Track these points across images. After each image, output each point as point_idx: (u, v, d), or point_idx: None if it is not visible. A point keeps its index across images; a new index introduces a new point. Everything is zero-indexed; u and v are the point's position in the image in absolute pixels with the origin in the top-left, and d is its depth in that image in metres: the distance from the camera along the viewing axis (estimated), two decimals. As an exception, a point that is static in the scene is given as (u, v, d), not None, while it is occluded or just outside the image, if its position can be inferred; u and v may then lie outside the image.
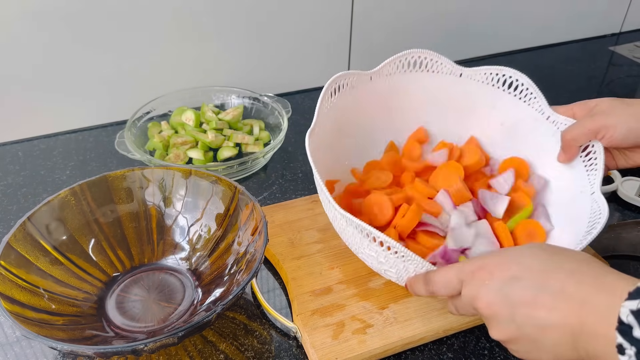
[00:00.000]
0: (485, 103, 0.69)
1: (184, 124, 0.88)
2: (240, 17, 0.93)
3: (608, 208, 0.53)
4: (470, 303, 0.44)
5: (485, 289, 0.43)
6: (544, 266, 0.41)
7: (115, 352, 0.48)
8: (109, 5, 0.83)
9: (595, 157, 0.59)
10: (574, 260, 0.41)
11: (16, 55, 0.82)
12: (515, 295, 0.41)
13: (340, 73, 0.64)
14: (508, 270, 0.42)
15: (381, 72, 0.68)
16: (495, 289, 0.42)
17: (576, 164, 0.61)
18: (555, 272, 0.40)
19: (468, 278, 0.45)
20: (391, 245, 0.50)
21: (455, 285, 0.46)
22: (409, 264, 0.51)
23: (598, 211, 0.54)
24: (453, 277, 0.46)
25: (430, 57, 0.69)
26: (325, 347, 0.55)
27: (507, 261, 0.43)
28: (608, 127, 0.57)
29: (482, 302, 0.43)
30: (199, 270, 0.64)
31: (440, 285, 0.47)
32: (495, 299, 0.42)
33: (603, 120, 0.58)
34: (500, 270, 0.42)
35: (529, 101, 0.66)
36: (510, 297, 0.41)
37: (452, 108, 0.71)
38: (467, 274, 0.45)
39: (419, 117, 0.72)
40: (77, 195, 0.63)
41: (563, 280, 0.39)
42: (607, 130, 0.57)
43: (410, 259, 0.50)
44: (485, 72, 0.68)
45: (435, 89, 0.70)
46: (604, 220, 0.52)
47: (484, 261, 0.44)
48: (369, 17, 1.02)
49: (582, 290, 0.38)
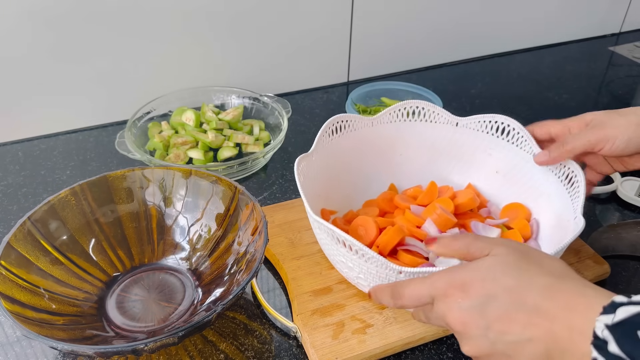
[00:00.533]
0: (482, 150, 0.72)
1: (184, 124, 0.88)
2: (241, 17, 0.93)
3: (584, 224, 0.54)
4: (442, 318, 0.43)
5: (459, 307, 0.42)
6: (518, 282, 0.40)
7: (115, 352, 0.48)
8: (109, 6, 0.83)
9: (578, 185, 0.60)
10: (549, 274, 0.40)
11: (16, 55, 0.82)
12: (490, 313, 0.40)
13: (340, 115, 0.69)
14: (482, 289, 0.41)
15: (382, 119, 0.72)
16: (469, 307, 0.41)
17: (563, 197, 0.62)
18: (530, 288, 0.40)
19: (440, 295, 0.43)
20: (354, 247, 0.51)
21: (425, 301, 0.45)
22: (372, 267, 0.52)
23: (577, 229, 0.54)
24: (424, 293, 0.45)
25: (427, 108, 0.72)
26: (325, 346, 0.56)
27: (481, 278, 0.42)
28: (608, 138, 0.59)
29: (455, 319, 0.42)
30: (199, 270, 0.64)
31: (411, 300, 0.46)
32: (470, 317, 0.41)
33: (603, 133, 0.59)
34: (474, 288, 0.41)
35: (521, 145, 0.68)
36: (484, 315, 0.40)
37: (451, 156, 0.74)
38: (439, 290, 0.43)
39: (418, 164, 0.74)
40: (77, 195, 0.63)
41: (537, 297, 0.39)
42: (607, 142, 0.59)
43: (374, 260, 0.51)
44: (479, 120, 0.71)
45: (433, 139, 0.73)
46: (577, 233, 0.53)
47: (456, 276, 0.43)
48: (369, 17, 1.03)
49: (556, 307, 0.38)
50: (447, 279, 0.43)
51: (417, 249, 0.62)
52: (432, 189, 0.70)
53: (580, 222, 0.54)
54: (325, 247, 0.59)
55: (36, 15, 0.80)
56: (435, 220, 0.64)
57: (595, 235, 0.72)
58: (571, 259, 0.66)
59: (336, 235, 0.53)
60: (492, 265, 0.42)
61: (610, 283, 0.66)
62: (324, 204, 0.68)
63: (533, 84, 1.12)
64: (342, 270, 0.59)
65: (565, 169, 0.62)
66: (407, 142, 0.74)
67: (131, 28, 0.87)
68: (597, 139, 0.59)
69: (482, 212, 0.70)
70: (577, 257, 0.66)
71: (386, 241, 0.61)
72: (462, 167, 0.74)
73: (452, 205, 0.67)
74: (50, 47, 0.84)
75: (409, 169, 0.74)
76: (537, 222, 0.66)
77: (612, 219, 0.76)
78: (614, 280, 0.66)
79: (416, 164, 0.74)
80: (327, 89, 1.07)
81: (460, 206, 0.68)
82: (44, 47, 0.83)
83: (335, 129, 0.69)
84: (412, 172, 0.75)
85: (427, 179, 0.73)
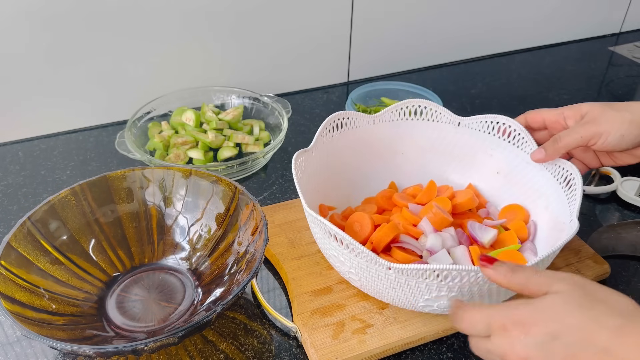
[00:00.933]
0: (483, 151, 0.72)
1: (184, 124, 0.88)
2: (241, 17, 0.93)
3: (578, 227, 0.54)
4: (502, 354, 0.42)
5: (521, 345, 0.40)
6: (585, 323, 0.39)
7: (115, 352, 0.48)
8: (109, 6, 0.83)
9: (575, 188, 0.60)
10: (619, 314, 0.39)
11: (17, 55, 0.82)
12: (555, 352, 0.39)
13: (341, 112, 0.69)
14: (545, 327, 0.40)
15: (384, 118, 0.72)
16: (531, 345, 0.40)
17: (561, 199, 0.62)
18: (599, 328, 0.38)
19: (499, 329, 0.42)
20: (345, 241, 0.51)
21: (480, 329, 0.43)
22: (362, 261, 0.52)
23: (570, 232, 0.54)
24: (480, 321, 0.43)
25: (429, 107, 0.72)
26: (325, 346, 0.56)
27: (543, 318, 0.40)
28: (601, 134, 0.59)
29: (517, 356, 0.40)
30: (199, 270, 0.64)
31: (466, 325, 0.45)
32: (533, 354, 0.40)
33: (595, 128, 0.60)
34: (536, 326, 0.40)
35: (521, 146, 0.68)
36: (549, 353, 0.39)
37: (452, 156, 0.74)
38: (497, 324, 0.42)
39: (419, 163, 0.74)
40: (77, 195, 0.63)
41: (607, 338, 0.38)
42: (599, 137, 0.60)
43: (364, 255, 0.51)
44: (481, 121, 0.70)
45: (435, 138, 0.73)
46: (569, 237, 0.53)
47: (515, 314, 0.41)
48: (369, 17, 1.03)
49: (629, 349, 0.37)
50: (506, 313, 0.42)
51: (411, 247, 0.62)
52: (431, 188, 0.70)
53: (574, 226, 0.54)
54: (319, 242, 0.59)
55: (36, 15, 0.80)
56: (431, 219, 0.64)
57: (595, 235, 0.72)
58: (571, 259, 0.66)
59: (328, 229, 0.53)
60: (554, 304, 0.41)
61: (610, 283, 0.66)
62: (323, 200, 0.68)
63: (533, 84, 1.12)
64: (335, 265, 0.59)
65: (564, 171, 0.62)
66: (408, 141, 0.73)
67: (131, 28, 0.87)
68: (590, 135, 0.60)
69: (480, 213, 0.70)
70: (577, 257, 0.66)
71: (380, 237, 0.61)
72: (463, 167, 0.74)
73: (450, 205, 0.67)
74: (50, 47, 0.84)
75: (409, 168, 0.74)
76: (535, 224, 0.66)
77: (612, 219, 0.76)
78: (614, 280, 0.66)
79: (417, 163, 0.74)
80: (327, 89, 1.07)
81: (459, 206, 0.68)
82: (44, 47, 0.83)
83: (336, 126, 0.69)
84: (413, 171, 0.74)
85: (427, 178, 0.73)
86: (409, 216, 0.65)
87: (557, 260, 0.66)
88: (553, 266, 0.65)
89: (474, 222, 0.65)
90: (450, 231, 0.63)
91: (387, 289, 0.54)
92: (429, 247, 0.61)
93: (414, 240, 0.63)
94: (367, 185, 0.73)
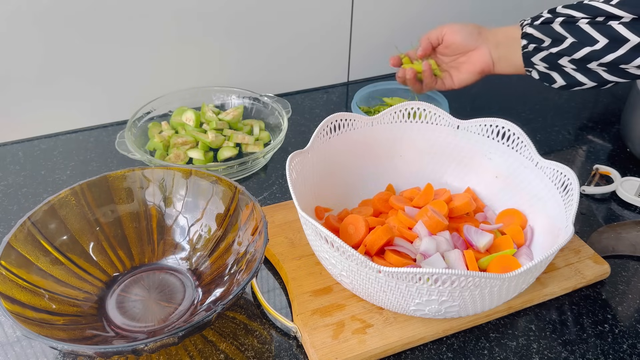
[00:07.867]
0: (482, 154, 0.72)
1: (184, 124, 0.88)
2: (241, 17, 0.93)
3: (573, 233, 0.54)
4: None
5: None
6: None
7: (115, 352, 0.48)
8: (109, 6, 0.83)
9: (572, 193, 0.60)
10: None
11: (17, 55, 0.82)
12: None
13: (339, 113, 0.69)
14: None
15: (382, 120, 0.72)
16: None
17: (557, 204, 0.62)
18: None
19: None
20: (335, 243, 0.51)
21: None
22: (353, 264, 0.52)
23: (565, 237, 0.54)
24: None
25: (428, 109, 0.72)
26: (325, 346, 0.56)
27: None
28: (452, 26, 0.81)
29: None
30: (199, 270, 0.64)
31: None
32: None
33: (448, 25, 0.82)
34: None
35: (520, 150, 0.68)
36: None
37: (450, 159, 0.74)
38: None
39: (417, 166, 0.74)
40: (77, 195, 0.63)
41: None
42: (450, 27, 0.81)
43: (354, 258, 0.51)
44: (480, 124, 0.70)
45: (433, 141, 0.73)
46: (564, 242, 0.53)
47: None
48: (369, 17, 1.03)
49: None
50: None
51: (405, 250, 0.62)
52: (428, 191, 0.69)
53: (569, 231, 0.54)
54: (312, 243, 0.59)
55: (36, 15, 0.80)
56: (426, 223, 0.63)
57: (595, 235, 0.72)
58: (571, 259, 0.66)
59: (318, 231, 0.53)
60: None
61: (610, 283, 0.66)
62: (320, 202, 0.68)
63: (533, 84, 1.12)
64: (327, 267, 0.59)
65: (562, 175, 0.62)
66: (407, 143, 0.73)
67: (132, 28, 0.87)
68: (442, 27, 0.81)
69: (478, 217, 0.70)
70: (577, 257, 0.66)
71: (373, 240, 0.61)
72: (461, 171, 0.73)
73: (446, 208, 0.66)
74: (50, 47, 0.84)
75: (407, 170, 0.74)
76: (532, 229, 0.66)
77: (612, 219, 0.76)
78: (614, 280, 0.66)
79: (415, 166, 0.74)
80: (327, 89, 1.07)
81: (456, 209, 0.67)
82: (44, 47, 0.83)
83: (334, 127, 0.68)
84: (411, 173, 0.74)
85: (425, 181, 0.73)
86: (404, 219, 0.65)
87: (557, 260, 0.66)
88: (553, 266, 0.65)
89: (470, 226, 0.65)
90: (445, 235, 0.63)
91: (378, 293, 0.54)
92: (423, 251, 0.61)
93: (408, 244, 0.63)
94: (365, 187, 0.73)
